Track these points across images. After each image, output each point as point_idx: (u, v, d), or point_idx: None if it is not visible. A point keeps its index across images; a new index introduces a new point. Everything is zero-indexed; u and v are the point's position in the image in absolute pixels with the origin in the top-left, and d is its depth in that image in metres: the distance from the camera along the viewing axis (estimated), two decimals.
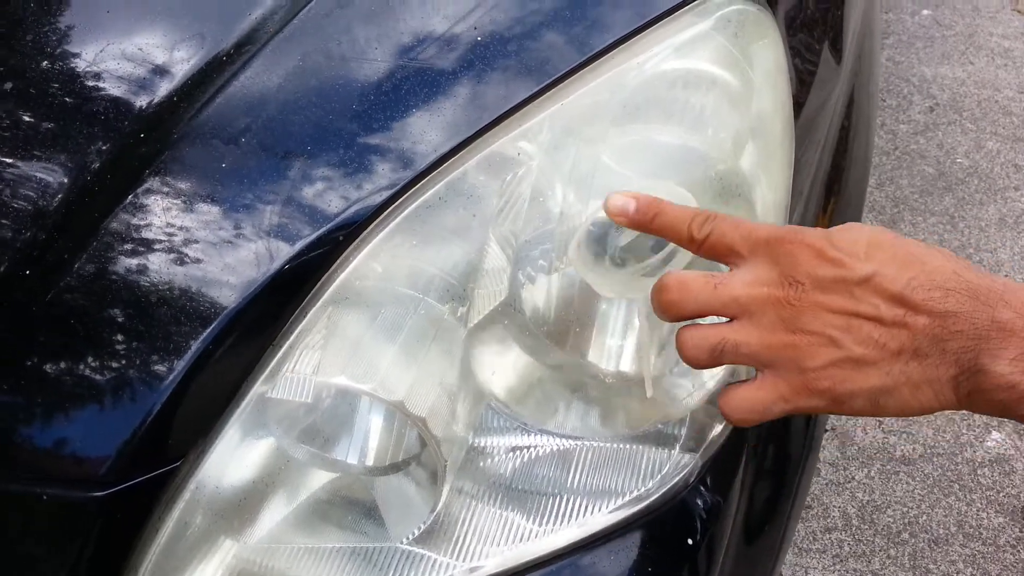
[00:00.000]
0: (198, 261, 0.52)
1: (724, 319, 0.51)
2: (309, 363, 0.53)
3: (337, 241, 0.53)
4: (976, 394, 0.46)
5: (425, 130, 0.55)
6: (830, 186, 0.90)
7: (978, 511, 1.57)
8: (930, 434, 1.69)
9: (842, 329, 0.47)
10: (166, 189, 0.53)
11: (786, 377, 0.49)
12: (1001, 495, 1.59)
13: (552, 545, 0.62)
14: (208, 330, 0.50)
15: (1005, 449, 1.67)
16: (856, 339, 0.47)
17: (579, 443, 0.65)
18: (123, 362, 0.50)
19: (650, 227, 0.53)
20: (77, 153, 0.54)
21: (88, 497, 0.48)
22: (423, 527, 0.59)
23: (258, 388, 0.53)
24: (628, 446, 0.65)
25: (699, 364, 0.51)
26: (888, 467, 1.63)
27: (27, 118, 0.56)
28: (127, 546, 0.50)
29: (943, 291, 0.46)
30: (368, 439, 0.58)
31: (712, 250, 0.51)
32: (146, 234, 0.52)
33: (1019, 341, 0.45)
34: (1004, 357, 0.45)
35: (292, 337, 0.53)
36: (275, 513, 0.58)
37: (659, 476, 0.65)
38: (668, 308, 0.52)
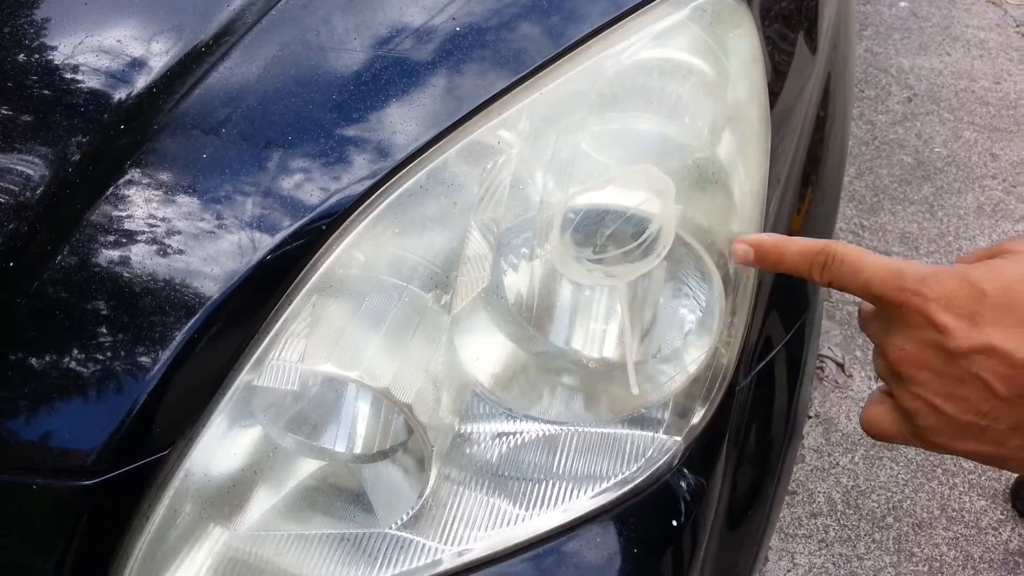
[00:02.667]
0: (182, 251, 0.52)
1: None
2: (295, 351, 0.53)
3: (320, 230, 0.53)
4: None
5: (405, 119, 0.56)
6: (807, 176, 0.91)
7: (960, 495, 1.59)
8: None
9: (944, 397, 0.46)
10: (148, 180, 0.53)
11: (910, 424, 0.49)
12: (983, 478, 1.62)
13: (538, 529, 0.62)
14: (193, 319, 0.50)
15: None
16: (960, 409, 0.46)
17: (564, 428, 0.66)
18: (109, 352, 0.50)
19: (772, 270, 0.55)
20: (58, 145, 0.54)
21: (78, 486, 0.48)
22: (411, 512, 0.60)
23: (244, 376, 0.53)
24: (612, 430, 0.66)
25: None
26: (872, 452, 1.65)
27: (6, 111, 0.56)
28: (117, 534, 0.51)
29: None
30: (355, 427, 0.59)
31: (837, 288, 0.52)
32: (129, 225, 0.52)
33: None
34: None
35: (277, 325, 0.54)
36: (264, 501, 0.58)
37: (643, 459, 0.65)
38: None
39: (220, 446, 0.54)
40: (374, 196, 0.55)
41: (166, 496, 0.52)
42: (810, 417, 1.71)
